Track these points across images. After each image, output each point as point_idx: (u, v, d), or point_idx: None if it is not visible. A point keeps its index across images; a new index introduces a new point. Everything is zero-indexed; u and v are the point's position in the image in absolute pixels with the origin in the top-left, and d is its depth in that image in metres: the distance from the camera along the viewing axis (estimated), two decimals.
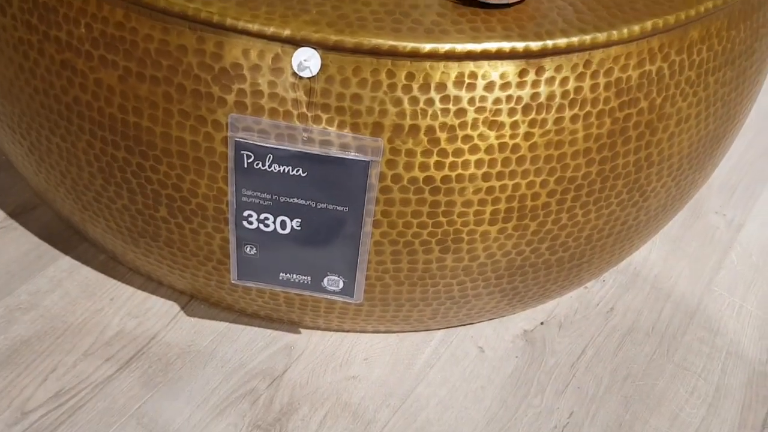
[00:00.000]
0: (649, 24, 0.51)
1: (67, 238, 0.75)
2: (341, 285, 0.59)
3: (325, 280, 0.59)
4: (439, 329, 0.72)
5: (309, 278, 0.59)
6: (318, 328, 0.70)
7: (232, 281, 0.60)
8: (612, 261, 0.70)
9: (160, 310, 0.71)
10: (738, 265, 0.82)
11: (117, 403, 0.64)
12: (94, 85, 0.52)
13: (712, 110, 0.61)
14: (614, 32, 0.50)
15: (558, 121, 0.52)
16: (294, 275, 0.59)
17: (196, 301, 0.72)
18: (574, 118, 0.53)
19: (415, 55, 0.48)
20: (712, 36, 0.56)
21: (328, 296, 0.60)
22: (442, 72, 0.49)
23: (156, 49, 0.50)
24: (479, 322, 0.73)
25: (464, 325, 0.73)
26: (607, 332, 0.74)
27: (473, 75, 0.49)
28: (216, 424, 0.63)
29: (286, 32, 0.47)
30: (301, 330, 0.71)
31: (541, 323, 0.74)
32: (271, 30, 0.47)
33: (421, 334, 0.72)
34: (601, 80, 0.52)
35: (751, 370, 0.73)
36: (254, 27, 0.47)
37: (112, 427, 0.63)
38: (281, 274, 0.59)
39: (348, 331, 0.71)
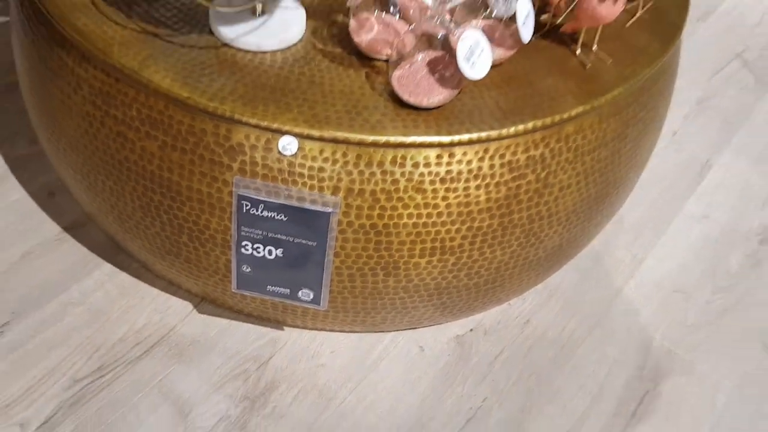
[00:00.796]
0: (531, 124, 0.73)
1: (109, 250, 0.97)
2: (312, 296, 0.81)
3: (300, 292, 0.81)
4: (389, 332, 0.94)
5: (288, 290, 0.81)
6: (296, 327, 0.92)
7: (233, 290, 0.82)
8: (523, 285, 0.92)
9: (179, 308, 0.93)
10: (634, 293, 1.03)
11: (144, 376, 0.86)
12: (140, 150, 0.74)
13: (591, 179, 0.82)
14: (504, 130, 0.72)
15: (466, 188, 0.74)
16: (277, 288, 0.81)
17: (205, 302, 0.94)
18: (477, 187, 0.74)
19: (362, 144, 0.69)
20: (585, 129, 0.77)
21: (302, 304, 0.82)
22: (382, 154, 0.70)
23: (186, 129, 0.71)
24: (421, 327, 0.94)
25: (410, 329, 0.94)
26: (522, 340, 0.95)
27: (404, 157, 0.71)
28: (217, 395, 0.85)
29: (275, 125, 0.69)
30: (284, 328, 0.92)
31: (471, 330, 0.96)
32: (264, 123, 0.69)
33: (375, 334, 0.93)
34: (497, 161, 0.73)
35: (630, 375, 0.94)
36: (253, 120, 0.69)
37: (140, 393, 0.85)
38: (268, 286, 0.81)
39: (319, 330, 0.92)
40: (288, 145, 0.70)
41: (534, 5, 0.82)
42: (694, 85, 1.37)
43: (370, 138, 0.69)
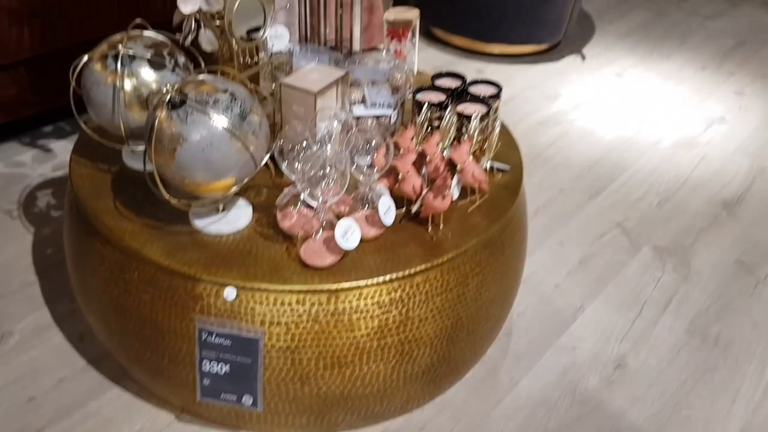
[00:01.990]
0: (388, 277, 1.12)
1: (118, 376, 1.34)
2: (251, 401, 1.16)
3: (244, 398, 1.16)
4: None
5: (235, 397, 1.16)
6: (247, 429, 1.26)
7: (198, 399, 1.17)
8: (412, 396, 1.25)
9: (164, 417, 1.28)
10: (510, 405, 1.35)
11: None
12: (139, 300, 1.14)
13: (445, 313, 1.19)
14: (369, 281, 1.11)
15: (350, 321, 1.11)
16: (228, 395, 1.16)
17: (184, 413, 1.29)
18: (357, 319, 1.12)
19: (277, 291, 1.09)
20: (429, 279, 1.16)
21: (246, 408, 1.17)
22: (290, 298, 1.09)
23: (167, 285, 1.12)
24: (340, 430, 1.27)
25: None
26: None
27: (305, 298, 1.09)
28: None
29: (222, 280, 1.09)
30: (240, 431, 1.26)
31: None
32: (215, 279, 1.09)
33: None
34: (369, 301, 1.11)
35: None
36: (208, 278, 1.09)
37: None
38: (222, 394, 1.17)
39: None
40: (230, 293, 1.09)
41: (404, 199, 1.25)
42: (578, 249, 1.76)
43: (282, 287, 1.09)
